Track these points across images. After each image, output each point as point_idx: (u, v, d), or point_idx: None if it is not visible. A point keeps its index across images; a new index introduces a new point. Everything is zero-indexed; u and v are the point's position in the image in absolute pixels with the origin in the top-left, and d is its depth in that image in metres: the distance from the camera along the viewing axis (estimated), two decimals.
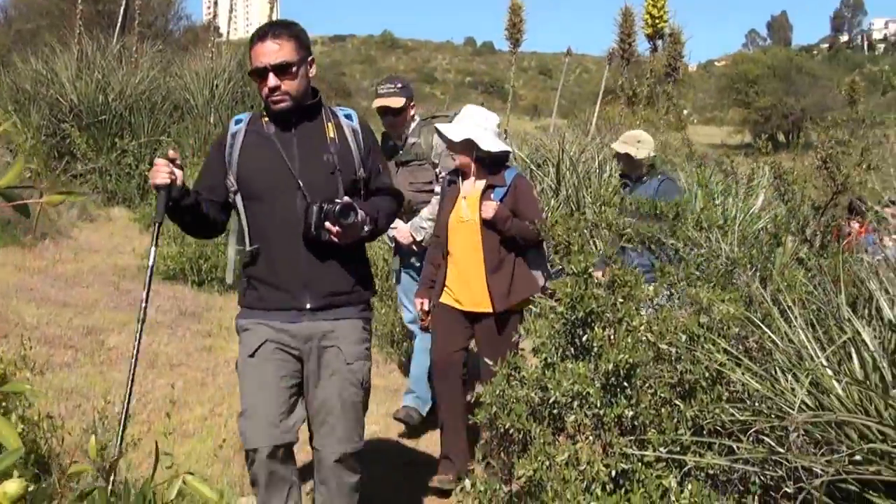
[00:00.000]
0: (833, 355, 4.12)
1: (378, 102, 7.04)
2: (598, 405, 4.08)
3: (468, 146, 5.97)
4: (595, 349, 4.18)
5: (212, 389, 7.57)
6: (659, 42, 17.76)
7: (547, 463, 4.01)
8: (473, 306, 6.02)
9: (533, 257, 6.11)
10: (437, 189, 6.77)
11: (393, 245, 7.40)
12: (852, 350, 4.12)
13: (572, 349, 4.42)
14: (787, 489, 3.64)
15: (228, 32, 21.68)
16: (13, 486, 1.41)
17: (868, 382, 3.96)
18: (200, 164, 13.79)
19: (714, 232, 5.32)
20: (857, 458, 3.64)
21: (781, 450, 3.69)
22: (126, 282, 11.04)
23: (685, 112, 54.48)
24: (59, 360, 7.76)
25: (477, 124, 5.98)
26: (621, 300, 4.30)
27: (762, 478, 3.84)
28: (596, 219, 6.05)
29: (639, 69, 19.28)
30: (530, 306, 5.23)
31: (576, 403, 4.13)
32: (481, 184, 6.05)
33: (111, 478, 1.66)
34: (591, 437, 4.21)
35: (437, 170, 6.91)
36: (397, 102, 6.96)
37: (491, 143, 5.97)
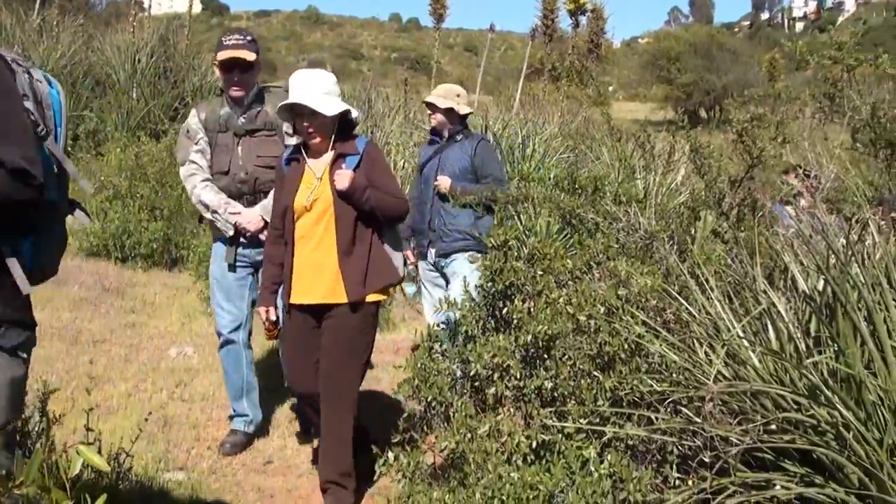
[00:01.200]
0: (749, 326, 4.18)
1: (226, 54, 5.75)
2: (519, 377, 4.10)
3: (334, 118, 5.17)
4: (515, 321, 4.20)
5: (135, 366, 7.49)
6: (581, 18, 17.84)
7: (469, 435, 4.03)
8: (323, 297, 5.19)
9: (391, 240, 5.39)
10: None
11: (230, 234, 6.00)
12: (768, 321, 4.19)
13: (493, 322, 4.44)
14: (704, 458, 3.69)
15: (150, 7, 21.35)
16: None
17: (783, 353, 4.03)
18: (122, 140, 13.50)
19: (633, 206, 5.38)
20: (772, 427, 3.70)
21: (698, 420, 3.75)
22: None
23: (610, 88, 54.94)
24: None
25: (315, 89, 5.06)
26: (541, 273, 4.32)
27: (680, 448, 3.89)
28: (519, 193, 6.09)
29: (562, 46, 19.37)
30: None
31: (496, 376, 4.15)
32: (329, 156, 5.20)
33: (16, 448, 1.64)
34: (512, 410, 4.24)
35: (294, 140, 5.69)
36: (249, 55, 5.78)
37: (331, 106, 5.06)
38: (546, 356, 4.18)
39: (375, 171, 5.22)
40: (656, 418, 3.90)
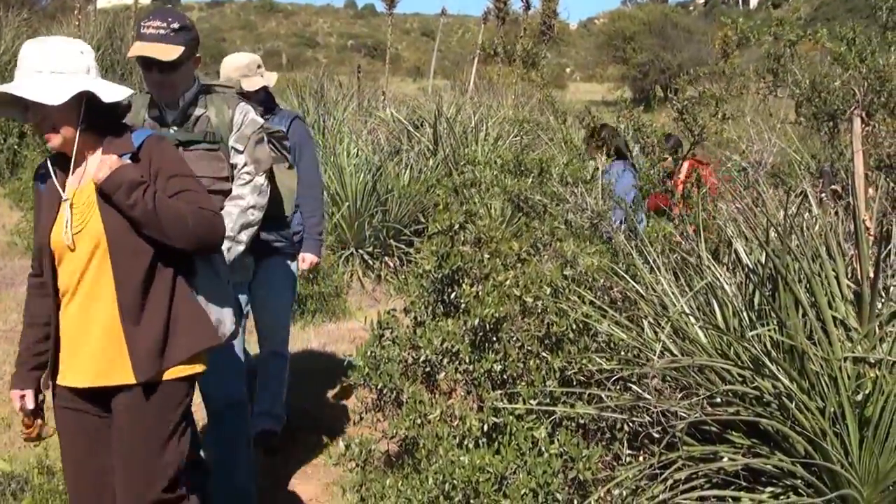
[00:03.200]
0: (694, 302, 4.22)
1: (139, 50, 4.24)
2: (469, 361, 4.12)
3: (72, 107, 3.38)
4: (463, 305, 4.21)
5: None
6: (533, 0, 17.88)
7: (420, 421, 4.05)
8: (98, 378, 3.44)
9: (207, 283, 3.67)
10: (241, 187, 4.42)
11: None
12: (712, 297, 4.23)
13: (441, 307, 4.45)
14: (652, 434, 3.73)
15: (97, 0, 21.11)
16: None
17: (728, 327, 4.07)
18: None
19: (580, 187, 5.40)
20: (718, 400, 3.75)
21: (647, 396, 3.78)
22: None
23: (567, 70, 55.03)
24: None
25: (38, 67, 3.38)
26: (488, 256, 4.33)
27: (630, 424, 3.93)
28: (473, 178, 6.09)
29: (517, 28, 19.37)
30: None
31: (446, 360, 4.17)
32: (96, 159, 3.47)
33: None
34: (463, 394, 4.26)
35: (243, 158, 4.42)
36: (169, 53, 4.22)
37: (59, 90, 3.29)
38: (495, 339, 4.19)
39: (164, 169, 3.53)
40: (606, 396, 3.93)
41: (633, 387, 3.92)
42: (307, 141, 6.01)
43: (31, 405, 3.59)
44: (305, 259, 5.85)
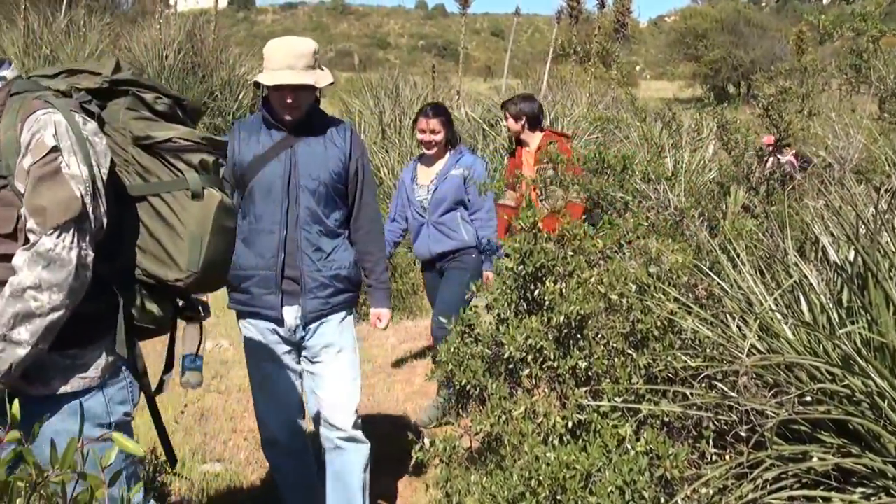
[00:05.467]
0: (781, 299, 4.18)
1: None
2: (553, 358, 4.11)
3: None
4: (547, 303, 4.21)
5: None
6: None
7: (504, 417, 4.05)
8: None
9: None
10: (21, 254, 2.81)
11: None
12: (800, 294, 4.18)
13: (525, 304, 4.45)
14: (740, 433, 3.69)
15: (176, 3, 21.44)
16: None
17: (816, 324, 4.02)
18: None
19: (662, 184, 5.36)
20: (807, 398, 3.70)
21: (733, 394, 3.75)
22: None
23: (637, 68, 54.63)
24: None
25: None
26: (571, 253, 4.32)
27: (716, 423, 3.89)
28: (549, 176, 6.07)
29: (588, 27, 19.30)
30: None
31: (530, 357, 4.16)
32: None
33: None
34: (547, 391, 4.25)
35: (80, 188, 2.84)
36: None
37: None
38: (579, 336, 4.18)
39: None
40: (691, 394, 3.90)
41: (719, 385, 3.89)
42: (367, 161, 4.88)
43: None
44: (382, 317, 5.00)
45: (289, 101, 4.38)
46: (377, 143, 12.42)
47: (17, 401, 1.84)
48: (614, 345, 4.09)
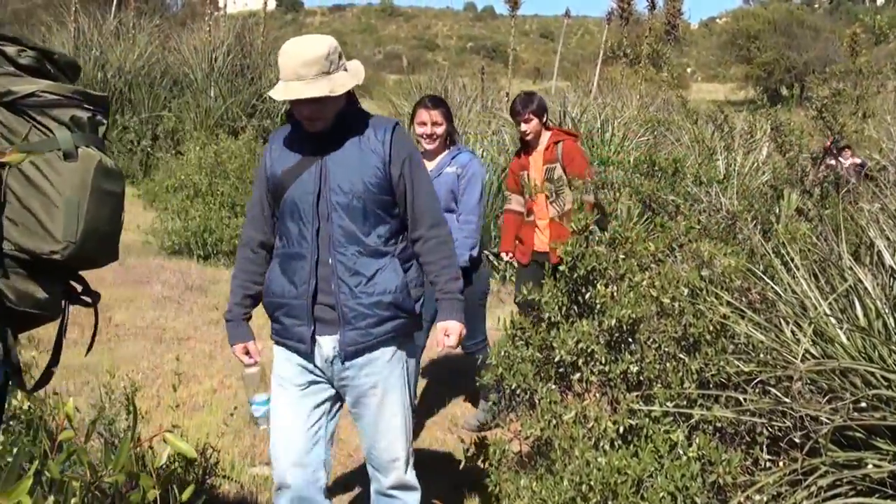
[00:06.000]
0: (836, 304, 4.12)
1: None
2: (604, 362, 4.09)
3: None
4: (598, 306, 4.19)
5: (220, 362, 7.60)
6: (657, 0, 17.62)
7: (554, 421, 4.03)
8: None
9: None
10: None
11: None
12: (855, 298, 4.13)
13: (576, 308, 4.43)
14: (794, 439, 3.65)
15: (226, 5, 21.60)
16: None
17: (871, 329, 3.97)
18: (201, 138, 13.67)
19: (714, 187, 5.32)
20: (862, 404, 3.65)
21: (787, 400, 3.71)
22: (131, 258, 11.06)
23: (689, 70, 54.30)
24: (66, 337, 7.78)
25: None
26: (622, 257, 4.30)
27: (769, 429, 3.85)
28: (604, 178, 6.06)
29: (639, 29, 19.22)
30: None
31: (581, 361, 4.14)
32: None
33: (89, 441, 1.68)
34: (597, 395, 4.23)
35: None
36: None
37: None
38: (631, 340, 4.16)
39: None
40: (744, 399, 3.86)
41: (773, 390, 3.85)
42: (418, 162, 4.16)
43: None
44: (449, 331, 4.07)
45: (306, 113, 3.87)
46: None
47: (71, 401, 1.85)
48: (666, 349, 4.06)
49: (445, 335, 4.05)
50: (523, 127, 6.86)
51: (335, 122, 3.92)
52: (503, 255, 7.22)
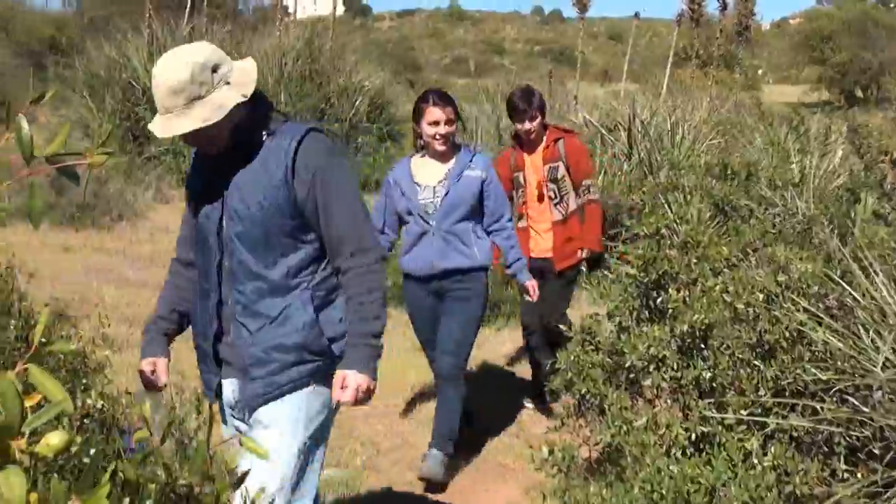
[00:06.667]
0: None
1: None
2: (675, 368, 4.02)
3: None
4: (670, 311, 4.12)
5: None
6: (728, 1, 17.37)
7: (625, 428, 3.97)
8: None
9: None
10: None
11: None
12: None
13: (647, 312, 4.36)
14: (873, 449, 3.56)
15: (295, 11, 21.78)
16: (56, 437, 1.42)
17: None
18: None
19: (789, 190, 5.21)
20: None
21: (866, 409, 3.61)
22: None
23: (760, 72, 53.65)
24: (138, 338, 7.86)
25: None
26: (695, 261, 4.22)
27: (847, 439, 3.75)
28: (675, 181, 5.98)
29: (710, 30, 19.02)
30: None
31: (652, 367, 4.07)
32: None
33: (164, 441, 1.66)
34: (669, 401, 4.16)
35: None
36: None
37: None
38: (703, 346, 4.08)
39: None
40: (821, 408, 3.77)
41: (851, 399, 3.75)
42: (337, 174, 3.45)
43: None
44: (346, 381, 3.28)
45: (192, 143, 3.34)
46: (494, 150, 12.41)
47: (147, 402, 1.83)
48: (740, 355, 3.98)
49: (341, 387, 3.27)
50: (527, 125, 6.28)
51: (236, 139, 3.28)
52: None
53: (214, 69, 3.16)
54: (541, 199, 6.37)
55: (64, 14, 37.87)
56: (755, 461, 3.68)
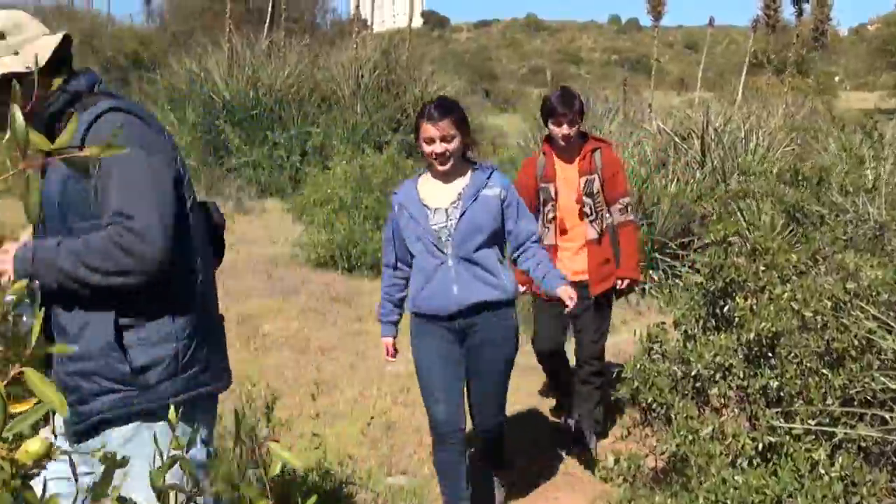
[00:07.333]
0: None
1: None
2: (742, 377, 3.98)
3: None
4: (736, 319, 4.08)
5: (361, 372, 7.68)
6: (805, 6, 17.14)
7: (690, 437, 3.94)
8: None
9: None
10: None
11: None
12: None
13: (713, 321, 4.33)
14: None
15: (372, 24, 21.95)
16: (36, 444, 1.44)
17: None
18: (347, 153, 13.87)
19: (860, 196, 5.13)
20: None
21: None
22: (279, 270, 11.31)
23: (836, 78, 52.79)
24: None
25: None
26: (763, 268, 4.18)
27: None
28: (745, 188, 5.92)
29: (786, 36, 18.79)
30: None
31: (718, 375, 4.04)
32: None
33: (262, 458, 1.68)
34: (735, 410, 4.12)
35: None
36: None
37: None
38: (770, 354, 4.04)
39: None
40: (891, 418, 3.71)
41: None
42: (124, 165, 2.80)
43: None
44: None
45: None
46: None
47: (171, 408, 1.86)
48: (808, 364, 3.93)
49: None
50: (565, 129, 5.65)
51: (48, 121, 2.90)
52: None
53: (1, 36, 2.85)
54: (581, 216, 5.74)
55: (148, 29, 38.64)
56: (822, 471, 3.63)
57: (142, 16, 47.09)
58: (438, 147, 4.55)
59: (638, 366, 4.31)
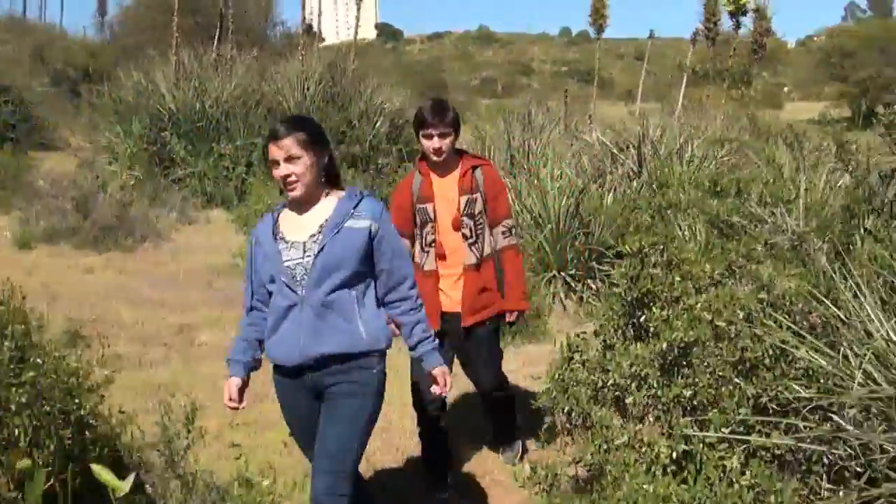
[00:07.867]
0: None
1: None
2: (657, 386, 4.02)
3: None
4: (653, 329, 4.12)
5: None
6: (744, 19, 17.33)
7: (606, 446, 3.97)
8: None
9: None
10: None
11: None
12: None
13: (632, 330, 4.36)
14: (855, 468, 3.55)
15: (320, 36, 21.97)
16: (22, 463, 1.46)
17: None
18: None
19: (779, 207, 5.20)
20: None
21: (849, 427, 3.60)
22: (220, 280, 11.24)
23: (785, 89, 53.40)
24: (151, 357, 7.96)
25: None
26: (678, 279, 4.22)
27: (829, 457, 3.74)
28: (672, 199, 5.97)
29: (726, 48, 19.05)
30: None
31: (634, 385, 4.08)
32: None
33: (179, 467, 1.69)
34: (651, 419, 4.15)
35: None
36: None
37: None
38: (685, 364, 4.07)
39: None
40: (803, 426, 3.75)
41: (834, 417, 3.73)
42: None
43: None
44: None
45: None
46: (505, 169, 12.45)
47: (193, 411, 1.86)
48: (721, 373, 3.97)
49: None
50: (436, 143, 5.23)
51: None
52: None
53: None
54: (458, 231, 5.35)
55: (99, 42, 38.52)
56: (733, 480, 3.67)
57: (94, 28, 46.93)
58: (283, 170, 3.94)
59: (557, 375, 4.33)
